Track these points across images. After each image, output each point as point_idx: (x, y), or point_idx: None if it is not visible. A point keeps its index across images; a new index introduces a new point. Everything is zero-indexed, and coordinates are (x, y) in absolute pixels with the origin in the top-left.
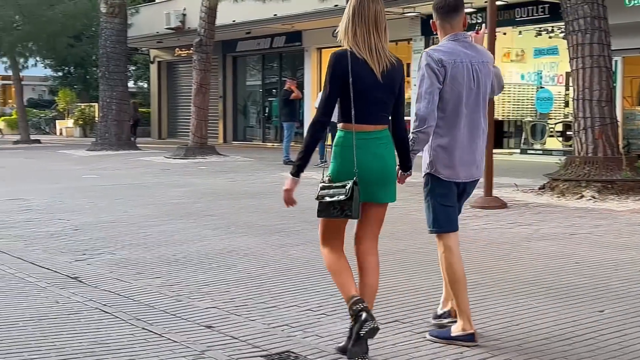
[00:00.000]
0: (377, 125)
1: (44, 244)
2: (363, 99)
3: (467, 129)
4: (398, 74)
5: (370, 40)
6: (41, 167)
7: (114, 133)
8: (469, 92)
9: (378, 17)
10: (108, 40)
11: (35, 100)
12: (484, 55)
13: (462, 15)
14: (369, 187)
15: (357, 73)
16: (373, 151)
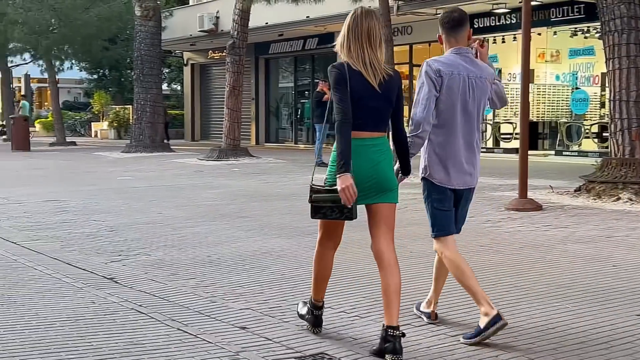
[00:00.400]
0: (373, 133)
1: (80, 245)
2: (360, 107)
3: (461, 139)
4: (395, 84)
5: (363, 54)
6: (77, 169)
7: (148, 135)
8: (463, 103)
9: (371, 32)
10: (142, 43)
11: (70, 103)
12: (483, 72)
13: (467, 30)
14: (367, 190)
15: (354, 84)
16: (369, 157)
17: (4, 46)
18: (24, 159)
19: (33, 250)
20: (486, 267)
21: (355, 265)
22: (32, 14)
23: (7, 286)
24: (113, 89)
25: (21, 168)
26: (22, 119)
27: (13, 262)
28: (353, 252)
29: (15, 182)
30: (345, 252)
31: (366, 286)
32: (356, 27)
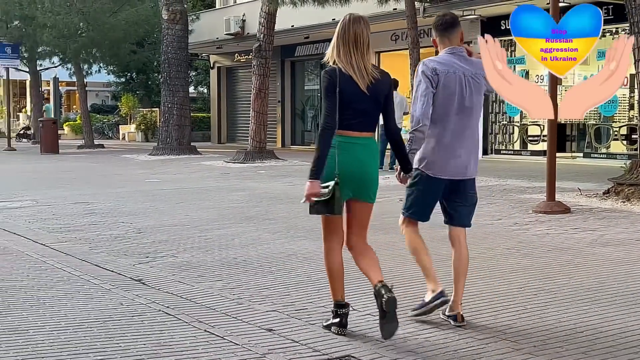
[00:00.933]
0: (362, 133)
1: (108, 247)
2: (349, 108)
3: (456, 132)
4: (383, 86)
5: (351, 58)
6: (105, 172)
7: (175, 138)
8: (460, 99)
9: (358, 37)
10: (169, 46)
11: (98, 106)
12: (478, 68)
13: (459, 31)
14: (351, 186)
15: (343, 86)
16: (357, 156)
17: (33, 50)
18: (53, 162)
19: (62, 252)
20: (514, 271)
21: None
22: (60, 17)
23: (37, 287)
24: (140, 92)
25: (50, 171)
26: (51, 122)
27: (42, 263)
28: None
29: (45, 184)
30: None
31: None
32: (344, 33)
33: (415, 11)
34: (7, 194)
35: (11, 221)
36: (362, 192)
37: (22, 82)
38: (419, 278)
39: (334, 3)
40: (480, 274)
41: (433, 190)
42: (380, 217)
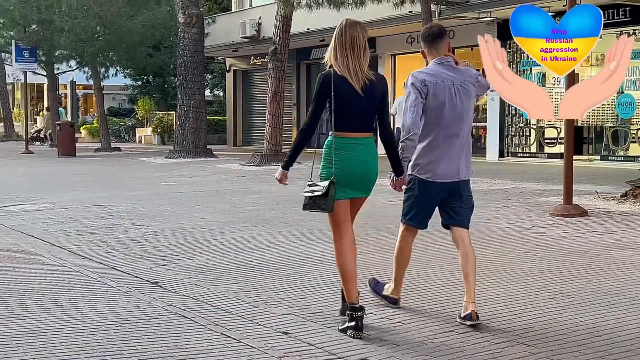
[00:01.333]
0: (360, 133)
1: (124, 250)
2: (346, 110)
3: (448, 137)
4: (378, 88)
5: (347, 61)
6: (122, 175)
7: (191, 141)
8: (450, 107)
9: (354, 41)
10: (186, 49)
11: (115, 109)
12: (466, 75)
13: (446, 42)
14: (351, 185)
15: (340, 88)
16: (355, 155)
17: (50, 53)
18: (70, 165)
19: (79, 254)
20: (530, 274)
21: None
22: (77, 21)
23: (54, 290)
24: (157, 95)
25: (67, 173)
26: (68, 125)
27: (60, 266)
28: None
29: (62, 187)
30: (390, 258)
31: (409, 293)
32: (342, 37)
33: (431, 13)
34: (24, 197)
35: (29, 224)
36: (363, 189)
37: (40, 85)
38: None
39: (349, 6)
40: (496, 278)
41: (428, 195)
42: (396, 219)
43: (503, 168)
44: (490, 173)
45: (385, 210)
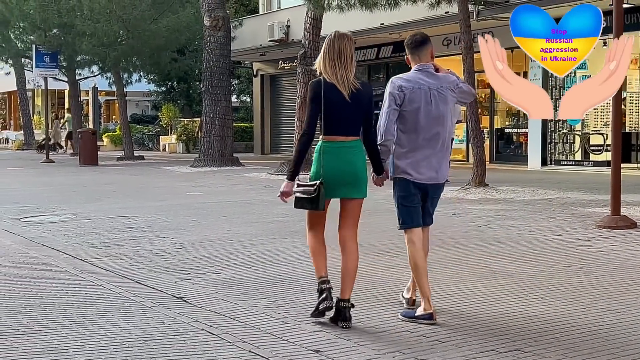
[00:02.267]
0: (347, 137)
1: (148, 263)
2: (334, 115)
3: (426, 141)
4: (364, 95)
5: (335, 69)
6: (145, 184)
7: (217, 149)
8: (426, 111)
9: (342, 52)
10: (212, 54)
11: (138, 116)
12: (443, 82)
13: (429, 49)
14: (341, 186)
15: (329, 95)
16: (343, 158)
17: (72, 58)
18: (92, 174)
19: (101, 267)
20: (576, 290)
21: (440, 290)
22: (100, 25)
23: (76, 305)
24: (181, 102)
25: (89, 183)
26: (90, 133)
27: (81, 279)
28: (437, 274)
29: (84, 197)
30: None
31: (447, 309)
32: (330, 47)
33: (468, 14)
34: (45, 207)
35: (50, 236)
36: (353, 190)
37: (61, 91)
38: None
39: (382, 7)
40: (540, 294)
41: (410, 192)
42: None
43: (545, 177)
44: (532, 182)
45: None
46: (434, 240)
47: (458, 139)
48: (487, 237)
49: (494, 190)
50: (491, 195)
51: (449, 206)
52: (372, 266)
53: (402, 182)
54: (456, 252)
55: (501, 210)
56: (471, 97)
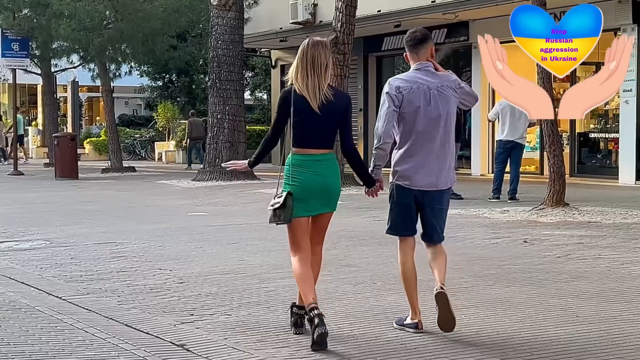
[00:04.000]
0: (318, 150)
1: (141, 301)
2: (304, 127)
3: (425, 143)
4: (337, 106)
5: (307, 80)
6: (136, 202)
7: (227, 158)
8: (425, 111)
9: (315, 60)
10: (220, 39)
11: (128, 117)
12: (444, 80)
13: (429, 47)
14: (312, 200)
15: (298, 106)
16: (313, 170)
17: (46, 45)
18: (71, 190)
19: (83, 307)
20: None
21: (507, 337)
22: (82, 4)
23: (51, 354)
24: (182, 99)
25: (67, 201)
26: (69, 138)
27: (58, 322)
28: (497, 311)
29: (61, 219)
30: (491, 315)
31: (494, 350)
32: (303, 56)
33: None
34: (13, 231)
35: (19, 267)
36: (327, 204)
37: (32, 86)
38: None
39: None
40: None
41: (405, 200)
42: (498, 263)
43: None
44: (625, 200)
45: (483, 251)
46: (500, 274)
47: (530, 146)
48: (567, 271)
49: (575, 211)
50: (572, 217)
51: (518, 231)
52: (420, 305)
53: (399, 188)
54: (528, 290)
55: (585, 236)
56: (474, 101)
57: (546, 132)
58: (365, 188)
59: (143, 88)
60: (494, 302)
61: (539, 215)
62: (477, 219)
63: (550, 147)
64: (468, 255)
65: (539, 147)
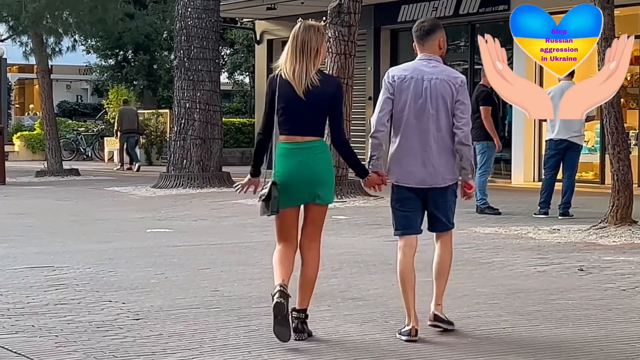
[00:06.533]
0: (304, 137)
1: (85, 343)
2: (289, 114)
3: (416, 137)
4: (323, 91)
5: (296, 64)
6: (80, 215)
7: (197, 159)
8: (419, 104)
9: (305, 45)
10: (189, 6)
11: (71, 105)
12: (444, 74)
13: (437, 38)
14: (297, 190)
15: (282, 92)
16: (298, 159)
17: None
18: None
19: (10, 349)
20: None
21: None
22: None
23: None
24: (140, 82)
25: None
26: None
27: None
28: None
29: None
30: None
31: None
32: (293, 40)
33: None
34: None
35: None
36: (314, 193)
37: None
38: None
39: None
40: None
41: (403, 198)
42: (546, 297)
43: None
44: None
45: (527, 281)
46: (548, 310)
47: (587, 146)
48: (635, 308)
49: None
50: (600, 240)
51: (572, 256)
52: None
53: (396, 187)
54: (585, 332)
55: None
56: (466, 113)
57: (609, 130)
58: (364, 180)
59: (90, 68)
60: (541, 348)
61: (598, 236)
62: (520, 240)
63: (613, 148)
64: (507, 287)
65: (599, 149)
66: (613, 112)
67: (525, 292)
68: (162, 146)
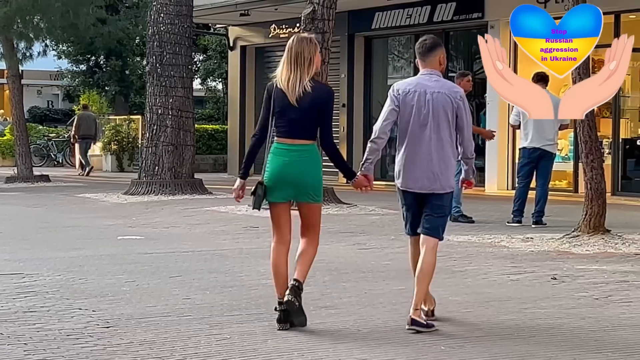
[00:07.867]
0: (295, 140)
1: (55, 351)
2: (282, 118)
3: (418, 147)
4: (315, 98)
5: (289, 73)
6: (51, 222)
7: (169, 166)
8: (422, 115)
9: (299, 56)
10: (162, 11)
11: (42, 111)
12: (445, 88)
13: (437, 55)
14: (284, 188)
15: (276, 98)
16: (284, 159)
17: None
18: None
19: None
20: None
21: None
22: None
23: None
24: (112, 88)
25: None
26: None
27: None
28: None
29: None
30: None
31: None
32: (289, 51)
33: None
34: None
35: None
36: (301, 193)
37: None
38: None
39: None
40: None
41: (406, 202)
42: (519, 306)
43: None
44: None
45: (500, 290)
46: (521, 320)
47: (561, 155)
48: (607, 317)
49: (618, 239)
50: (614, 247)
51: (545, 265)
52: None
53: (400, 190)
54: (558, 341)
55: (630, 272)
56: (467, 130)
57: (582, 138)
58: (352, 182)
59: (61, 73)
60: (514, 357)
61: (571, 245)
62: (493, 249)
63: (587, 157)
64: (480, 295)
65: (572, 157)
66: (587, 121)
67: (499, 300)
68: (133, 152)
